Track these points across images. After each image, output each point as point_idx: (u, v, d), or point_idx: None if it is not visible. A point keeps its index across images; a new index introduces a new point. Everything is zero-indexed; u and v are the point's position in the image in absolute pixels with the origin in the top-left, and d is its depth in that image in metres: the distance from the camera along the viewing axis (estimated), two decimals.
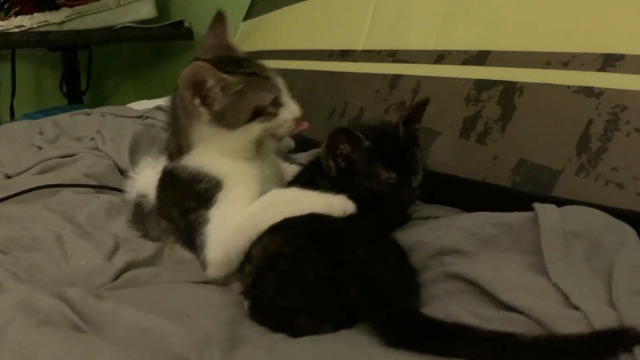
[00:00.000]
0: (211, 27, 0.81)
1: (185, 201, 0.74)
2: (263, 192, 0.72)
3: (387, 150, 0.75)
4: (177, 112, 0.76)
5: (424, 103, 0.80)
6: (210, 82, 0.70)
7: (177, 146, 0.77)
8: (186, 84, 0.70)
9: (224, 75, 0.70)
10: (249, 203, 0.70)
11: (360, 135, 0.74)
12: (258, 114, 0.73)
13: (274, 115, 0.73)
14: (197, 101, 0.71)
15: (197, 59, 0.72)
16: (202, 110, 0.71)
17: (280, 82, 0.75)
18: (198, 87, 0.70)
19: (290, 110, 0.75)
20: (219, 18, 0.81)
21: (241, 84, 0.71)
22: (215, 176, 0.72)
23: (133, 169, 0.94)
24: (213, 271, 0.70)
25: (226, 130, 0.73)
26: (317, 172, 0.80)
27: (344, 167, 0.76)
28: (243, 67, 0.74)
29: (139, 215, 0.84)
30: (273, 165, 0.82)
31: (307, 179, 0.80)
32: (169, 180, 0.77)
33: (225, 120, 0.72)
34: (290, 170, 0.90)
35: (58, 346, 0.48)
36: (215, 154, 0.74)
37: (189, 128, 0.75)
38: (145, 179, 0.85)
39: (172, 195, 0.77)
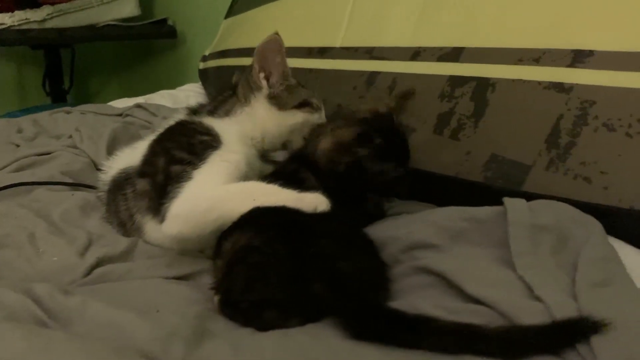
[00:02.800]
0: None
1: (177, 150, 0.76)
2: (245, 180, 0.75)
3: (396, 146, 0.76)
4: (245, 79, 0.86)
5: (410, 93, 0.80)
6: (277, 59, 0.84)
7: (210, 108, 0.86)
8: (258, 53, 0.84)
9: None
10: (232, 180, 0.73)
11: (372, 135, 0.75)
12: (305, 104, 0.86)
13: (316, 110, 0.87)
14: (262, 75, 0.85)
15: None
16: (264, 83, 0.85)
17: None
18: (264, 62, 0.84)
19: (322, 116, 0.88)
20: None
21: (294, 80, 0.87)
22: (220, 137, 0.78)
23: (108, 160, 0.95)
24: (168, 226, 0.70)
25: (276, 110, 0.84)
26: (302, 164, 0.80)
27: (351, 164, 0.77)
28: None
29: (113, 191, 0.84)
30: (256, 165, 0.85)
31: (291, 171, 0.80)
32: (173, 131, 0.81)
33: (278, 101, 0.84)
34: (267, 169, 0.90)
35: (19, 341, 0.47)
36: (234, 130, 0.81)
37: (245, 97, 0.85)
38: (126, 158, 0.87)
39: (166, 144, 0.79)
